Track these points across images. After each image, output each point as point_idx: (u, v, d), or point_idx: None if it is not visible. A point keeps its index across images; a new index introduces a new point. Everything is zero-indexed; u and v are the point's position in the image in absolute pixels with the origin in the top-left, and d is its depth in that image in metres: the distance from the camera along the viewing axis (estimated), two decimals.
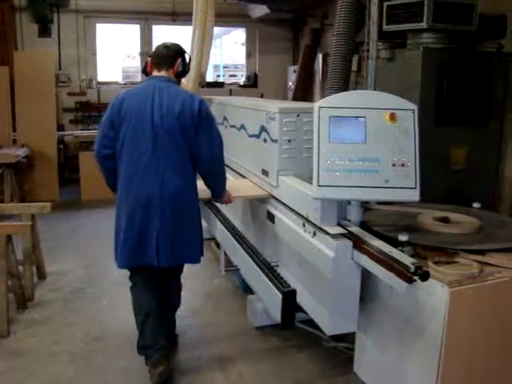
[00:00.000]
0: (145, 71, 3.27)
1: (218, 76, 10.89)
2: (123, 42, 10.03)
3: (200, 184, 3.25)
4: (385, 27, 4.51)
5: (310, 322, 3.16)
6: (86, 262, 5.13)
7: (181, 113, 2.98)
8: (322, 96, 8.65)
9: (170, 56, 3.16)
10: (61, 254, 5.31)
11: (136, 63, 10.02)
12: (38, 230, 4.56)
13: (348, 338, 3.29)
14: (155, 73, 3.18)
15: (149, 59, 3.23)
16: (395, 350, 2.72)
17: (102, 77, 9.56)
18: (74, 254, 5.36)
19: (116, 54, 10.08)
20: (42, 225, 4.93)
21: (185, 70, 3.24)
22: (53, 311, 4.07)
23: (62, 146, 8.32)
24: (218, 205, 4.39)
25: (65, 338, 3.66)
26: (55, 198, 7.43)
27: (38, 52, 8.17)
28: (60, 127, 8.60)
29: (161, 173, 2.98)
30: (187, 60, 3.27)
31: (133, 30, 9.72)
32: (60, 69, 9.04)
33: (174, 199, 3.00)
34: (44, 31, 8.82)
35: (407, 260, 2.29)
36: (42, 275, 4.65)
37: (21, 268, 4.11)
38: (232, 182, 4.19)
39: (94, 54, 9.47)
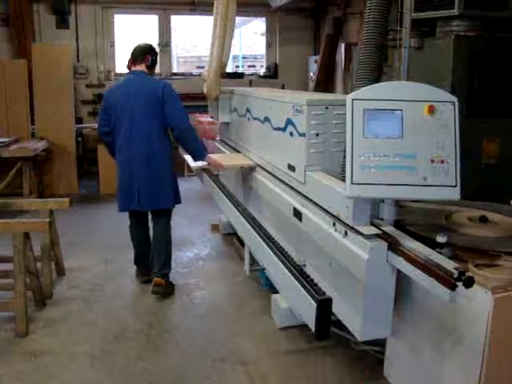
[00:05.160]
0: (128, 67, 4.31)
1: (237, 67, 10.75)
2: (141, 33, 9.87)
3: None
4: (413, 15, 4.31)
5: (337, 323, 3.00)
6: (105, 257, 5.05)
7: (150, 95, 4.04)
8: (346, 87, 8.49)
9: (142, 53, 4.21)
10: (80, 250, 5.23)
11: None
12: (56, 225, 4.46)
13: (378, 341, 3.13)
14: (133, 67, 4.23)
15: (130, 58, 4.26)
16: (430, 355, 2.57)
17: (120, 68, 9.43)
18: (93, 249, 5.28)
19: (134, 45, 9.90)
20: (61, 218, 4.85)
21: (154, 63, 4.28)
22: (72, 309, 3.99)
23: (80, 138, 8.25)
24: (245, 205, 4.26)
25: (84, 338, 3.56)
26: (74, 191, 7.42)
27: (56, 44, 8.08)
28: (78, 120, 8.54)
29: (138, 142, 4.06)
30: (155, 55, 4.30)
31: (151, 21, 9.57)
32: (78, 61, 8.96)
33: (149, 161, 4.07)
34: (62, 23, 8.76)
35: (449, 264, 2.13)
36: (60, 272, 4.56)
37: (39, 264, 4.01)
38: (224, 155, 4.98)
39: (112, 45, 9.35)
